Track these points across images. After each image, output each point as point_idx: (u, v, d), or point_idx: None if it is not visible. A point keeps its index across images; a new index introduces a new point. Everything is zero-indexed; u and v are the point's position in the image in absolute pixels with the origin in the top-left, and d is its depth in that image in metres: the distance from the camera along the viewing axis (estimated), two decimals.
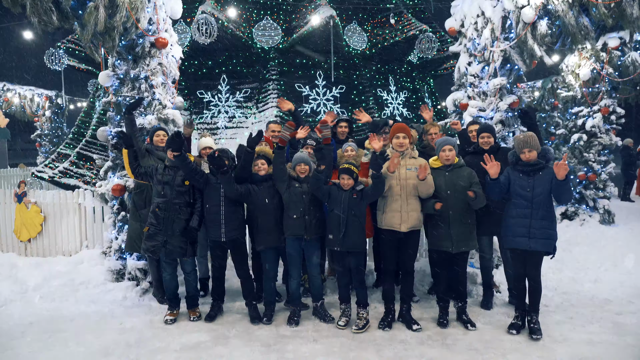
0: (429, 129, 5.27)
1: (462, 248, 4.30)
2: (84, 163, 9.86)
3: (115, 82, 5.51)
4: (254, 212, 4.62)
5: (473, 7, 6.33)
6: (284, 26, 9.82)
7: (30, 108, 16.93)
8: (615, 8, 4.70)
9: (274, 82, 9.44)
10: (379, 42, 10.35)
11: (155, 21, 5.40)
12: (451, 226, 4.26)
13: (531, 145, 4.03)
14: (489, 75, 6.15)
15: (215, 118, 9.54)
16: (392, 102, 10.54)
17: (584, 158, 9.18)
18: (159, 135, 5.15)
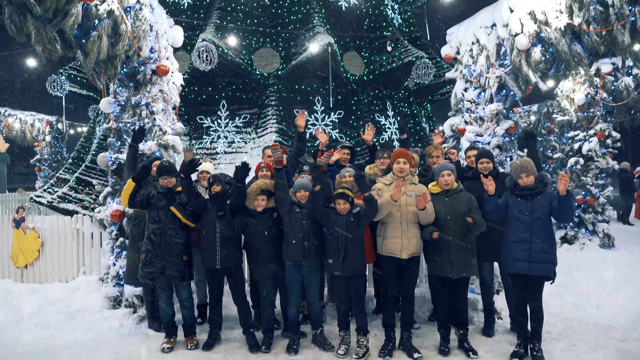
0: (432, 152, 5.28)
1: (462, 274, 4.26)
2: (83, 188, 9.86)
3: (117, 108, 5.57)
4: (252, 242, 4.59)
5: (468, 34, 6.47)
6: (283, 53, 10.00)
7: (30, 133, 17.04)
8: (607, 36, 4.80)
9: (273, 108, 9.55)
10: (376, 68, 10.52)
11: (156, 49, 5.50)
12: (451, 251, 4.24)
13: (528, 170, 4.06)
14: (485, 100, 6.23)
15: (215, 143, 9.61)
16: (390, 127, 10.64)
17: (581, 182, 9.22)
18: (156, 166, 5.05)
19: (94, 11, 4.40)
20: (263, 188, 4.58)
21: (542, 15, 5.24)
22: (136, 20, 5.00)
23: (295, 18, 10.17)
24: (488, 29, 6.14)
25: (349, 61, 10.20)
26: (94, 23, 4.49)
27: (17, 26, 3.91)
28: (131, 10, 4.95)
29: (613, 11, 4.60)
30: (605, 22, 4.72)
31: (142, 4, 5.10)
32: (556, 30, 5.12)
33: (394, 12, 12.11)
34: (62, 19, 4.11)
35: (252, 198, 4.54)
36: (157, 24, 5.52)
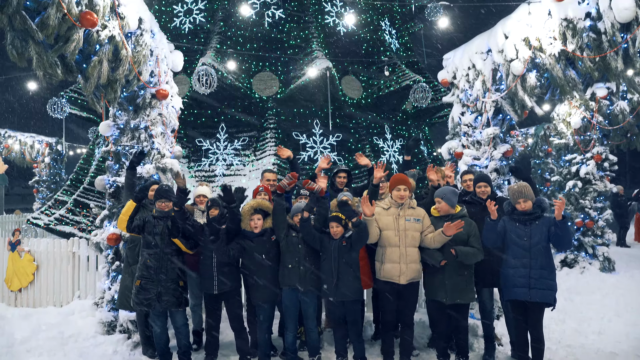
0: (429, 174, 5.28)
1: (456, 300, 4.20)
2: (80, 210, 9.82)
3: (116, 131, 5.59)
4: (249, 267, 4.54)
5: (464, 60, 6.56)
6: (282, 77, 10.12)
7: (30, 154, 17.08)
8: (600, 62, 4.87)
9: (272, 131, 9.61)
10: (374, 91, 10.64)
11: (156, 73, 5.57)
12: (446, 276, 4.20)
13: (526, 195, 4.06)
14: (482, 124, 6.28)
15: (213, 166, 9.62)
16: (388, 149, 10.69)
17: (580, 205, 9.22)
18: (153, 190, 4.99)
19: (95, 37, 4.46)
20: (256, 207, 4.55)
21: (536, 41, 5.33)
22: (137, 46, 5.07)
23: (294, 43, 10.33)
24: (484, 54, 6.23)
25: (347, 85, 10.31)
26: (95, 48, 4.55)
27: (19, 52, 3.95)
28: (132, 36, 5.02)
29: (605, 38, 4.68)
30: (598, 49, 4.80)
31: (143, 29, 5.18)
32: (550, 56, 5.20)
33: (391, 37, 12.32)
34: (64, 44, 4.15)
35: (247, 218, 4.51)
36: (158, 48, 5.60)
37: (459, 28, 17.89)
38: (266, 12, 10.46)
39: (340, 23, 10.95)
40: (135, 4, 5.06)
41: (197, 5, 10.85)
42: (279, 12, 10.50)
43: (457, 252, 4.05)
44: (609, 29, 4.58)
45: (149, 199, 5.10)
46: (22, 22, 3.74)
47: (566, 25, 4.98)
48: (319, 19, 10.73)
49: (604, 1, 4.59)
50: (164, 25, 10.60)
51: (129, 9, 4.85)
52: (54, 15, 3.83)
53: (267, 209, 4.63)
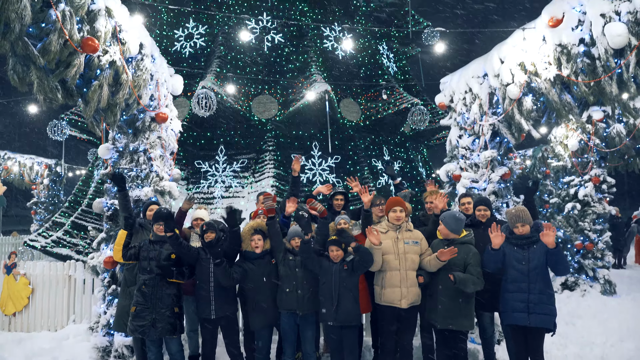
0: (426, 197, 5.28)
1: (449, 325, 4.12)
2: (77, 232, 9.78)
3: (115, 154, 5.61)
4: (248, 290, 4.49)
5: (461, 83, 6.65)
6: (281, 100, 10.23)
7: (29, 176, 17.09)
8: (595, 86, 4.92)
9: (271, 153, 9.65)
10: (373, 114, 10.74)
11: (156, 97, 5.62)
12: (439, 300, 4.16)
13: (523, 219, 4.06)
14: (480, 147, 6.32)
15: (212, 188, 9.63)
16: None
17: (579, 227, 9.19)
18: (152, 210, 5.03)
19: (96, 62, 4.52)
20: (256, 228, 4.55)
21: (531, 66, 5.40)
22: (137, 70, 5.14)
23: (293, 66, 10.48)
24: (480, 78, 6.31)
25: (345, 108, 10.42)
26: (95, 73, 4.60)
27: (20, 77, 4.00)
28: (133, 61, 5.09)
29: (600, 63, 4.75)
30: (592, 74, 4.86)
31: (143, 54, 5.25)
32: (546, 81, 5.27)
33: (389, 60, 12.50)
34: (65, 69, 4.20)
35: (247, 239, 4.50)
36: (158, 73, 5.67)
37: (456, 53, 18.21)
38: (266, 36, 10.64)
39: (339, 47, 11.12)
40: (137, 30, 5.15)
41: (197, 29, 11.04)
42: (278, 36, 10.68)
43: (455, 278, 4.01)
44: (603, 54, 4.65)
45: (147, 219, 5.09)
46: (24, 48, 3.79)
47: (560, 50, 5.05)
48: (317, 43, 10.91)
49: (597, 27, 4.67)
50: (165, 49, 10.76)
51: (130, 34, 4.93)
52: (55, 42, 3.88)
53: (267, 230, 4.63)
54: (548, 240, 3.85)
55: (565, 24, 4.97)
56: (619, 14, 4.46)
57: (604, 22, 4.55)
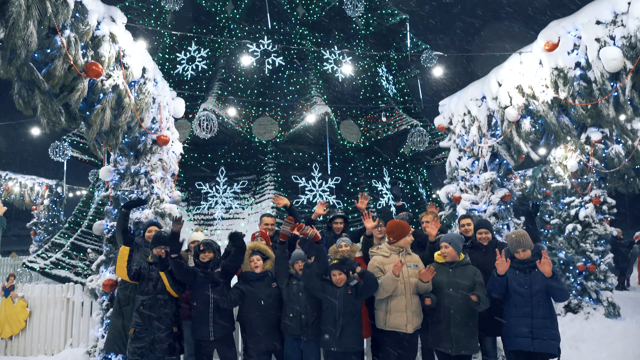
0: (422, 217, 5.28)
1: (462, 351, 4.08)
2: (77, 254, 9.74)
3: (116, 177, 5.64)
4: (247, 313, 4.44)
5: (459, 106, 6.72)
6: (282, 121, 10.32)
7: (29, 197, 17.10)
8: (592, 109, 4.97)
9: (271, 174, 9.69)
10: (372, 135, 10.81)
11: (158, 120, 5.68)
12: (451, 326, 4.09)
13: (524, 245, 4.05)
14: (479, 169, 6.35)
15: (212, 209, 9.63)
16: (387, 192, 10.74)
17: (581, 248, 9.14)
18: (151, 231, 5.02)
19: (99, 86, 4.58)
20: (254, 248, 4.54)
21: (529, 89, 5.47)
22: (140, 94, 5.20)
23: (294, 89, 10.60)
24: (478, 101, 6.38)
25: (345, 129, 10.50)
26: (98, 97, 4.66)
27: (25, 100, 4.05)
28: (135, 85, 5.16)
29: (596, 87, 4.81)
30: (589, 97, 4.91)
31: (146, 78, 5.33)
32: (543, 104, 5.33)
33: (388, 82, 12.66)
34: (69, 93, 4.26)
35: (247, 259, 4.48)
36: (160, 96, 5.74)
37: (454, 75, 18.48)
38: (266, 59, 10.80)
39: (339, 70, 11.28)
40: (140, 54, 5.23)
41: (199, 53, 11.22)
42: (279, 59, 10.84)
43: (480, 297, 3.97)
44: (599, 78, 4.71)
45: (145, 240, 5.07)
46: (30, 73, 3.85)
47: (557, 74, 5.12)
48: (317, 66, 11.07)
49: (592, 52, 4.74)
50: (167, 72, 10.91)
51: (133, 59, 5.01)
52: (60, 67, 3.94)
53: (265, 251, 4.61)
54: (545, 270, 3.85)
55: (561, 48, 5.05)
56: (613, 39, 4.53)
57: (599, 46, 4.62)
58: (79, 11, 4.09)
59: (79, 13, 4.09)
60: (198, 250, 4.44)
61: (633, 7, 4.25)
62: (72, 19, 4.00)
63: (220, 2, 11.51)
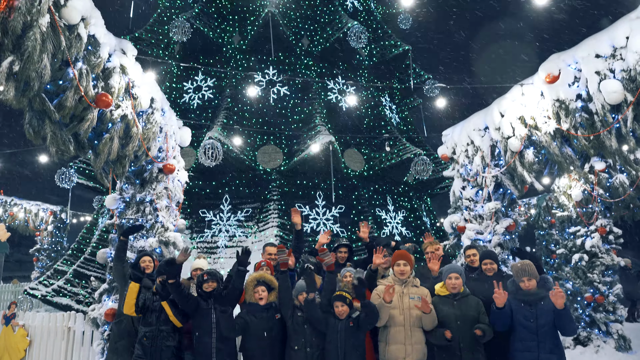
0: (427, 248, 5.24)
1: None
2: (79, 281, 9.69)
3: (121, 205, 5.67)
4: (250, 345, 4.37)
5: (462, 136, 6.77)
6: (286, 150, 10.42)
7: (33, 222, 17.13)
8: (595, 140, 5.00)
9: (275, 202, 9.72)
10: (376, 164, 10.87)
11: (164, 149, 5.75)
12: (463, 358, 4.01)
13: (530, 273, 4.00)
14: (483, 199, 6.35)
15: (216, 237, 9.62)
16: (391, 221, 10.71)
17: (588, 279, 9.01)
18: (144, 262, 4.92)
19: (108, 116, 4.67)
20: (259, 279, 4.47)
21: (531, 120, 5.53)
22: (147, 123, 5.30)
23: (298, 117, 10.75)
24: (481, 131, 6.44)
25: (349, 158, 10.58)
26: (107, 126, 4.75)
27: (36, 130, 4.12)
28: (143, 114, 5.26)
29: (598, 118, 4.85)
30: (591, 128, 4.95)
31: (154, 108, 5.44)
32: (546, 134, 5.37)
33: (392, 111, 12.81)
34: (78, 123, 4.34)
35: (251, 290, 4.41)
36: (167, 125, 5.83)
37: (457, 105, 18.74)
38: (272, 89, 10.99)
39: (343, 99, 11.45)
40: (148, 85, 5.36)
41: (206, 82, 11.44)
42: (284, 89, 11.03)
43: (484, 331, 3.91)
44: (600, 109, 4.76)
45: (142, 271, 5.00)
46: (41, 103, 3.95)
47: (559, 105, 5.18)
48: (322, 95, 11.25)
49: (592, 84, 4.81)
50: (174, 101, 11.11)
51: (142, 89, 5.12)
52: (71, 98, 4.04)
53: (270, 282, 4.55)
54: (558, 302, 3.77)
55: (561, 80, 5.12)
56: (613, 72, 4.60)
57: (599, 79, 4.69)
58: (91, 44, 4.21)
59: (91, 46, 4.21)
60: (201, 280, 4.41)
61: (631, 42, 4.34)
62: (84, 51, 4.12)
63: (227, 33, 11.82)
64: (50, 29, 3.63)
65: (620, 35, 4.49)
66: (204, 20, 11.64)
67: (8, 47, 3.35)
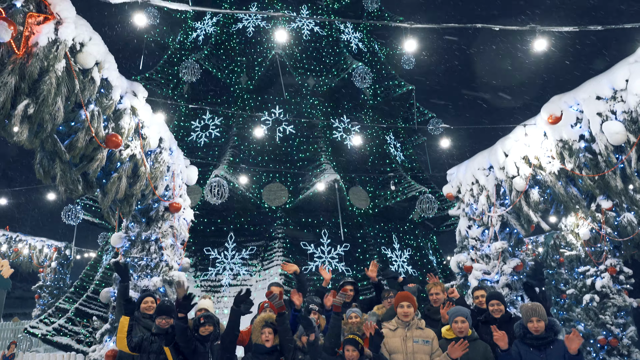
0: (431, 289, 5.15)
1: None
2: (80, 320, 9.55)
3: (127, 243, 5.67)
4: None
5: (467, 175, 6.80)
6: (291, 187, 10.47)
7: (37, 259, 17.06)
8: (600, 180, 5.01)
9: (280, 241, 9.67)
10: (381, 202, 10.88)
11: (171, 187, 5.81)
12: None
13: (539, 314, 3.91)
14: (490, 238, 6.30)
15: (220, 275, 9.53)
16: (397, 259, 10.59)
17: (600, 320, 8.78)
18: (147, 302, 4.85)
19: (117, 155, 4.76)
20: (267, 320, 4.38)
21: (535, 160, 5.56)
22: (155, 162, 5.37)
23: (304, 156, 10.86)
24: (486, 170, 6.47)
25: (354, 195, 10.60)
26: (116, 166, 4.82)
27: (46, 170, 4.20)
28: (152, 154, 5.34)
29: (602, 158, 4.88)
30: (596, 168, 4.97)
31: (162, 147, 5.53)
32: (551, 174, 5.38)
33: (397, 149, 12.93)
34: (88, 163, 4.42)
35: (258, 331, 4.32)
36: (174, 164, 5.91)
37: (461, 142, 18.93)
38: (277, 127, 11.18)
39: (348, 138, 11.60)
40: (157, 125, 5.47)
41: (213, 121, 11.67)
42: (289, 127, 11.21)
43: None
44: (603, 150, 4.79)
45: (140, 312, 4.91)
46: (53, 144, 4.03)
47: (562, 145, 5.22)
48: (327, 133, 11.41)
49: (595, 125, 4.86)
50: (182, 139, 11.29)
51: (151, 129, 5.23)
52: (82, 138, 4.13)
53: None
54: (573, 347, 3.65)
55: (564, 121, 5.19)
56: (614, 113, 4.66)
57: (601, 120, 4.75)
58: (104, 87, 4.34)
59: (104, 89, 4.34)
60: (198, 323, 4.33)
61: (631, 85, 4.42)
62: (97, 94, 4.24)
63: (234, 74, 12.15)
64: (66, 73, 3.75)
65: (619, 78, 4.57)
66: (212, 61, 12.01)
67: (24, 91, 3.46)
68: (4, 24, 3.06)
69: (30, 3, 3.43)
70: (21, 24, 3.32)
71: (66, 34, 3.64)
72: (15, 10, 3.28)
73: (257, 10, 12.32)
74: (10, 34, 3.10)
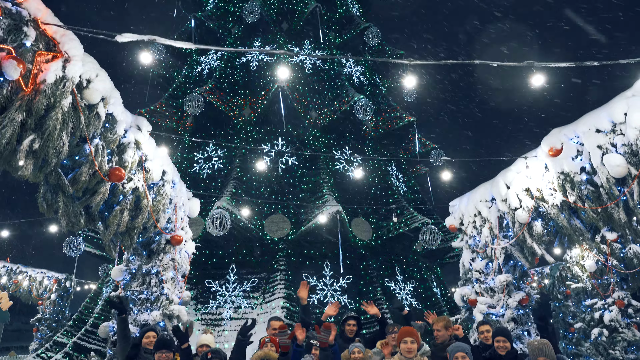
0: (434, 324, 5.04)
1: None
2: (78, 355, 9.36)
3: (127, 276, 5.63)
4: None
5: (470, 207, 6.78)
6: (293, 219, 10.44)
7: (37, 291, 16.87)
8: (603, 213, 4.98)
9: (282, 273, 9.58)
10: (384, 233, 10.82)
11: (173, 220, 5.80)
12: None
13: (547, 354, 3.82)
14: (494, 271, 6.22)
15: (221, 308, 9.39)
16: (400, 292, 10.44)
17: (610, 355, 8.55)
18: (148, 337, 4.72)
19: (120, 189, 4.77)
20: (263, 358, 4.29)
21: (537, 192, 5.55)
22: (157, 195, 5.39)
23: (306, 187, 10.89)
24: (488, 202, 6.45)
25: (357, 227, 10.56)
26: (118, 199, 4.83)
27: (49, 203, 4.22)
28: (154, 187, 5.36)
29: (604, 190, 4.87)
30: (598, 200, 4.95)
31: (165, 180, 5.56)
32: (553, 206, 5.36)
33: (399, 180, 12.95)
34: (90, 196, 4.43)
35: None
36: (177, 197, 5.92)
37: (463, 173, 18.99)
38: (280, 159, 11.26)
39: (350, 169, 11.65)
40: (160, 158, 5.51)
41: (216, 153, 11.77)
42: (292, 159, 11.28)
43: None
44: (605, 182, 4.79)
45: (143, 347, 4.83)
46: (57, 178, 4.06)
47: (564, 178, 5.22)
48: (329, 165, 11.48)
49: (595, 157, 4.87)
50: (185, 170, 11.37)
51: (154, 163, 5.27)
52: (86, 172, 4.16)
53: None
54: None
55: (565, 154, 5.20)
56: (614, 146, 4.68)
57: (601, 153, 4.76)
58: (109, 122, 4.41)
59: (108, 123, 4.41)
60: (206, 358, 4.27)
61: (630, 118, 4.46)
62: (102, 128, 4.30)
63: (238, 106, 12.35)
64: (72, 109, 3.82)
65: (618, 111, 4.62)
66: (216, 94, 12.23)
67: (30, 126, 3.51)
68: (13, 62, 3.14)
69: (40, 42, 3.54)
70: (30, 62, 3.41)
71: (73, 71, 3.73)
72: (25, 49, 3.37)
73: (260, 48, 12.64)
74: (19, 72, 3.18)
